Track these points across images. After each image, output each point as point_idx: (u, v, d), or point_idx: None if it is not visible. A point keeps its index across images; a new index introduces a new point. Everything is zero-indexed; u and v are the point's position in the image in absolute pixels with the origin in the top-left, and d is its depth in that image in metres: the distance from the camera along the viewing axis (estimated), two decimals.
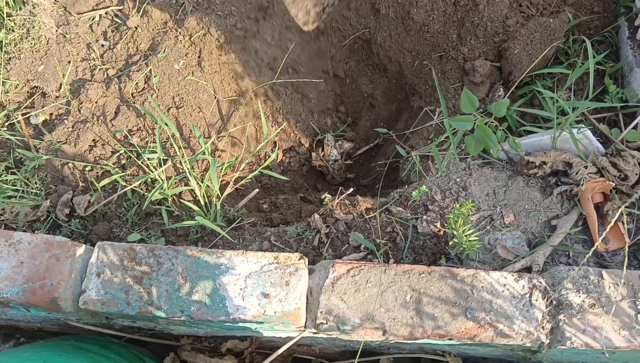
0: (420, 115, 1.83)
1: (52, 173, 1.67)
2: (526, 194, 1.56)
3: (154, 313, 1.28)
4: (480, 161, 1.64)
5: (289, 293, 1.30)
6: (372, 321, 1.29)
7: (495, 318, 1.28)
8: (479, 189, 1.59)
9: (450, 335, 1.28)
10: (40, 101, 1.79)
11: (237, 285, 1.30)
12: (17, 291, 1.31)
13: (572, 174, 1.50)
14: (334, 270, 1.33)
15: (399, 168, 1.84)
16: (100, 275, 1.32)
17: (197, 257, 1.33)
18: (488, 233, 1.53)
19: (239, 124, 1.89)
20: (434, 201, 1.58)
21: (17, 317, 1.59)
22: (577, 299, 1.29)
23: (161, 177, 1.63)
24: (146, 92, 1.76)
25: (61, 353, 1.42)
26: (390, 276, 1.32)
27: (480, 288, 1.31)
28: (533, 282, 1.32)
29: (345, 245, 1.58)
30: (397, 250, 1.55)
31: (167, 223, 1.58)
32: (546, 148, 1.55)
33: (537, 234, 1.52)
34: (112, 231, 1.60)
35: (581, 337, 1.27)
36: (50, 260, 1.34)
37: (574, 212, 1.53)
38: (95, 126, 1.71)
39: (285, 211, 1.78)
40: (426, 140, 1.76)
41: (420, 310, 1.29)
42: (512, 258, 1.48)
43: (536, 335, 1.28)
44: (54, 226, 1.62)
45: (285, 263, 1.34)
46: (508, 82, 1.73)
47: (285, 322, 1.31)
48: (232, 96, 1.87)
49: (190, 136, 1.75)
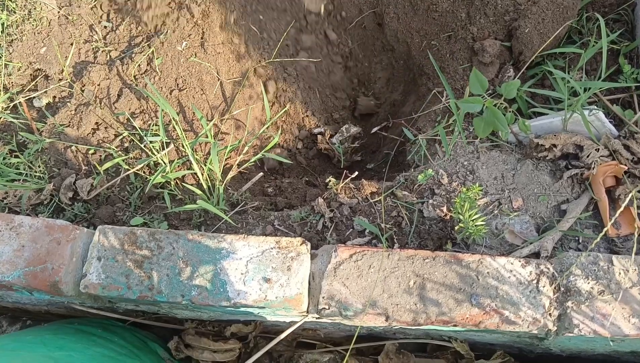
0: (428, 97, 1.78)
1: (55, 156, 1.66)
2: (535, 178, 1.52)
3: (154, 298, 1.27)
4: (488, 143, 1.59)
5: (291, 278, 1.29)
6: (375, 307, 1.27)
7: (501, 305, 1.25)
8: (486, 173, 1.55)
9: (455, 321, 1.25)
10: (43, 84, 1.77)
11: (238, 270, 1.29)
12: (18, 275, 1.31)
13: (583, 158, 1.46)
14: (337, 254, 1.31)
15: (406, 151, 1.80)
16: (101, 259, 1.31)
17: (198, 241, 1.32)
18: (496, 218, 1.50)
19: (243, 106, 1.86)
20: (441, 184, 1.55)
21: (23, 300, 1.59)
22: (586, 285, 1.26)
23: (164, 160, 1.61)
24: (148, 74, 1.73)
25: (64, 336, 1.42)
26: (393, 261, 1.30)
27: (486, 274, 1.28)
28: (540, 268, 1.28)
29: (349, 229, 1.55)
30: (402, 235, 1.52)
31: (170, 206, 1.56)
32: (557, 130, 1.51)
33: (546, 219, 1.49)
34: (115, 215, 1.59)
35: (589, 324, 1.23)
36: (51, 243, 1.33)
37: (585, 196, 1.49)
38: (97, 109, 1.69)
39: (290, 195, 1.76)
40: (434, 123, 1.72)
41: (424, 296, 1.27)
42: (520, 243, 1.45)
43: (543, 322, 1.25)
44: (57, 210, 1.62)
45: (287, 247, 1.32)
46: (518, 62, 1.68)
47: (287, 307, 1.29)
48: (236, 78, 1.84)
49: (193, 119, 1.73)
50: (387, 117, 2.04)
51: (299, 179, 1.87)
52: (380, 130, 2.03)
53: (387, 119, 2.03)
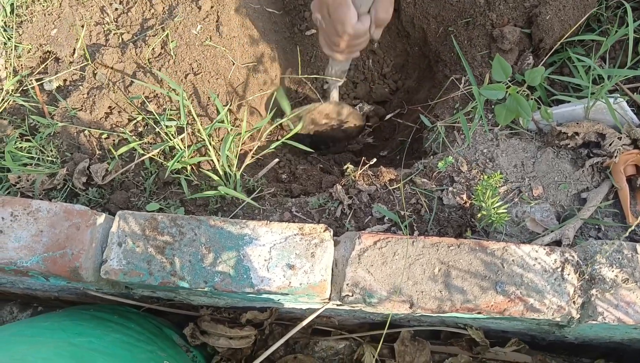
0: (445, 84, 1.77)
1: (68, 140, 1.63)
2: (556, 166, 1.51)
3: (177, 284, 1.26)
4: (508, 131, 1.59)
5: (315, 264, 1.28)
6: (400, 294, 1.26)
7: (526, 293, 1.25)
8: (506, 161, 1.54)
9: (480, 309, 1.25)
10: (54, 67, 1.74)
11: (261, 256, 1.28)
12: (37, 261, 1.29)
13: (605, 146, 1.45)
14: (360, 241, 1.30)
15: (422, 138, 1.79)
16: (122, 244, 1.29)
17: (220, 227, 1.30)
18: (516, 206, 1.49)
19: (257, 92, 1.83)
20: (460, 172, 1.54)
21: (35, 286, 1.57)
22: (610, 274, 1.26)
23: (180, 146, 1.59)
24: (163, 58, 1.70)
25: (81, 322, 1.41)
26: (418, 248, 1.29)
27: (511, 261, 1.27)
28: (565, 256, 1.28)
29: (368, 216, 1.54)
30: (422, 222, 1.52)
31: (187, 192, 1.55)
32: (578, 118, 1.50)
33: (567, 207, 1.48)
34: (130, 201, 1.57)
35: (613, 312, 1.24)
36: (70, 229, 1.31)
37: (605, 185, 1.48)
38: (111, 93, 1.66)
39: (305, 182, 1.75)
40: (451, 110, 1.71)
41: (449, 284, 1.26)
42: (540, 232, 1.44)
43: (567, 310, 1.25)
44: (70, 195, 1.59)
45: (311, 234, 1.30)
46: (538, 49, 1.67)
47: (310, 294, 1.28)
48: (251, 62, 1.81)
49: (208, 104, 1.70)
50: (401, 104, 2.02)
51: (314, 166, 1.85)
52: (395, 117, 2.02)
53: (401, 106, 2.01)
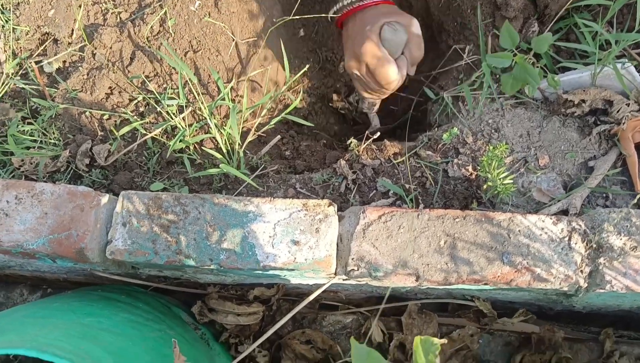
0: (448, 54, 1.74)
1: (70, 122, 1.62)
2: (562, 135, 1.49)
3: (182, 262, 1.26)
4: (513, 101, 1.56)
5: (320, 240, 1.27)
6: (405, 267, 1.26)
7: (533, 263, 1.24)
8: (512, 131, 1.52)
9: (486, 280, 1.25)
10: (53, 48, 1.72)
11: (266, 233, 1.27)
12: (42, 243, 1.29)
13: (613, 113, 1.43)
14: (365, 216, 1.30)
15: (427, 111, 1.77)
16: (126, 224, 1.29)
17: (224, 205, 1.30)
18: (522, 176, 1.48)
19: (258, 68, 1.81)
20: (465, 143, 1.52)
21: (43, 268, 1.58)
22: (618, 242, 1.25)
23: (182, 124, 1.58)
24: (161, 36, 1.68)
25: (90, 303, 1.42)
26: (423, 221, 1.28)
27: (517, 232, 1.26)
28: (572, 225, 1.27)
29: (372, 191, 1.53)
30: (427, 195, 1.51)
31: (190, 171, 1.54)
32: (585, 85, 1.47)
33: (573, 176, 1.47)
34: (134, 181, 1.57)
35: (622, 280, 1.23)
36: (75, 210, 1.31)
37: (613, 152, 1.46)
38: (110, 73, 1.65)
39: (308, 158, 1.74)
40: (456, 80, 1.68)
41: (455, 255, 1.26)
42: (547, 201, 1.43)
43: (575, 279, 1.24)
44: (74, 177, 1.59)
45: (315, 209, 1.30)
46: (543, 16, 1.63)
47: (315, 269, 1.28)
48: (251, 37, 1.78)
49: (209, 81, 1.69)
50: None
51: (317, 142, 1.84)
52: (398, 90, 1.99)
53: None
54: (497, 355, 1.65)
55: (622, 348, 1.59)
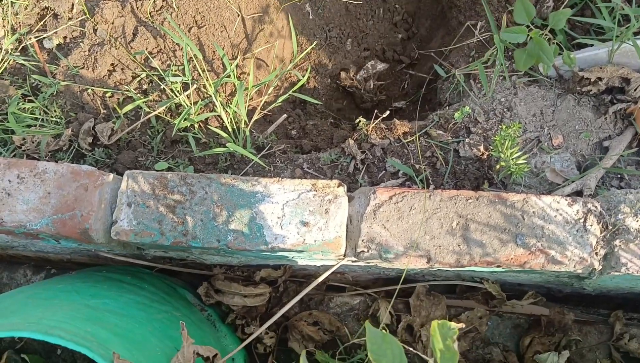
0: (461, 31, 1.69)
1: (72, 99, 1.58)
2: (577, 114, 1.46)
3: (189, 243, 1.23)
4: (527, 79, 1.52)
5: (329, 221, 1.24)
6: (417, 249, 1.23)
7: (547, 245, 1.22)
8: (525, 110, 1.48)
9: (499, 262, 1.22)
10: (53, 23, 1.67)
11: (274, 214, 1.24)
12: (46, 223, 1.26)
13: (630, 91, 1.39)
14: (376, 196, 1.27)
15: (437, 89, 1.73)
16: (132, 204, 1.26)
17: (231, 185, 1.27)
18: (535, 156, 1.44)
19: (263, 45, 1.77)
20: (477, 123, 1.49)
21: (47, 249, 1.56)
22: (635, 224, 1.22)
23: (186, 102, 1.54)
24: (165, 10, 1.63)
25: (95, 284, 1.39)
26: (435, 202, 1.25)
27: (532, 213, 1.24)
28: (588, 207, 1.24)
29: (381, 171, 1.50)
30: (437, 176, 1.47)
31: (195, 150, 1.51)
32: (601, 62, 1.43)
33: (588, 156, 1.43)
34: (138, 160, 1.54)
35: (638, 262, 1.20)
36: (79, 190, 1.28)
37: (628, 132, 1.43)
38: (113, 49, 1.60)
39: (315, 138, 1.70)
40: (467, 57, 1.64)
41: (468, 237, 1.23)
42: (560, 182, 1.40)
43: (589, 262, 1.22)
44: (77, 156, 1.56)
45: (324, 190, 1.27)
46: None
47: (325, 251, 1.26)
48: (257, 13, 1.73)
49: (213, 58, 1.64)
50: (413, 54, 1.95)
51: (324, 121, 1.80)
52: (407, 68, 1.95)
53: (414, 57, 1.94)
54: (506, 338, 1.63)
55: (631, 331, 1.58)
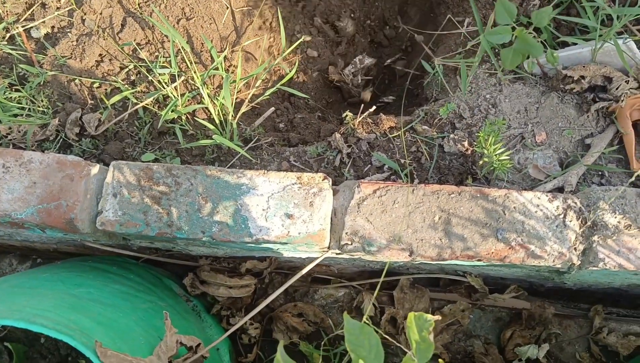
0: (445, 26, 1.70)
1: (59, 89, 1.58)
2: (560, 112, 1.48)
3: (174, 234, 1.24)
4: (512, 76, 1.54)
5: (313, 214, 1.26)
6: (399, 242, 1.25)
7: (527, 239, 1.24)
8: (509, 106, 1.50)
9: (480, 256, 1.24)
10: (41, 13, 1.67)
11: (259, 206, 1.26)
12: (31, 212, 1.27)
13: (612, 90, 1.41)
14: (360, 190, 1.28)
15: (424, 84, 1.74)
16: (117, 195, 1.27)
17: (217, 177, 1.28)
18: (518, 152, 1.46)
19: (252, 38, 1.77)
20: (462, 118, 1.50)
21: (33, 238, 1.56)
22: (613, 220, 1.24)
23: (174, 94, 1.54)
24: (153, 2, 1.63)
25: (80, 274, 1.40)
26: (418, 196, 1.27)
27: (513, 208, 1.26)
28: (568, 203, 1.26)
29: (367, 165, 1.52)
30: (422, 170, 1.49)
31: (182, 142, 1.51)
32: (585, 61, 1.45)
33: (570, 153, 1.46)
34: (125, 151, 1.54)
35: (615, 258, 1.23)
36: (64, 180, 1.28)
37: (610, 130, 1.45)
38: (101, 40, 1.60)
39: (303, 131, 1.71)
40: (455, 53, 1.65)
41: (449, 231, 1.25)
42: (543, 178, 1.42)
43: (568, 256, 1.24)
44: (64, 146, 1.56)
45: (309, 183, 1.28)
46: None
47: (309, 243, 1.27)
48: (246, 6, 1.74)
49: (202, 50, 1.65)
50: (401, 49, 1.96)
51: (312, 115, 1.81)
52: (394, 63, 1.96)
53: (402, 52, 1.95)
54: (488, 330, 1.66)
55: (610, 325, 1.61)
